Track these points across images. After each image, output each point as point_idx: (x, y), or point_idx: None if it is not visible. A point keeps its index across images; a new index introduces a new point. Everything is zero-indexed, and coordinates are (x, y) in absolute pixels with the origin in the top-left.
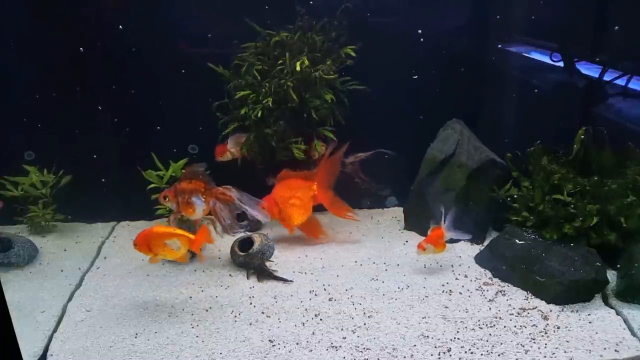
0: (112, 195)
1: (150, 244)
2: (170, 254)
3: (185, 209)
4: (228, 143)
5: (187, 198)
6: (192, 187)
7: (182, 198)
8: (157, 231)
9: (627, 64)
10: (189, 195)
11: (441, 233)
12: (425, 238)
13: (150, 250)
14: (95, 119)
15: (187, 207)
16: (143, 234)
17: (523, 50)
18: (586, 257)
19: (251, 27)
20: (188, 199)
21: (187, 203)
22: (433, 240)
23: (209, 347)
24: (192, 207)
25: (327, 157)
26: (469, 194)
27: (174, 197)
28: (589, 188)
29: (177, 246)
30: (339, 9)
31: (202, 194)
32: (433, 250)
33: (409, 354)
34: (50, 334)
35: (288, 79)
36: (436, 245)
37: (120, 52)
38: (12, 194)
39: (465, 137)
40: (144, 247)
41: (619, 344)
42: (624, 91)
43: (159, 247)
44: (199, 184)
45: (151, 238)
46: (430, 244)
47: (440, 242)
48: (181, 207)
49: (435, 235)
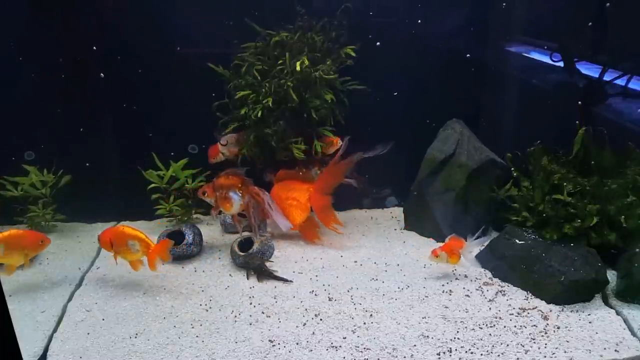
0: (112, 195)
1: (113, 241)
2: (128, 255)
3: (223, 203)
4: (219, 145)
5: (225, 193)
6: (230, 182)
7: (220, 193)
8: (123, 230)
9: (627, 64)
10: (227, 190)
11: (459, 245)
12: (442, 245)
13: (111, 247)
14: (95, 119)
15: (224, 202)
16: (109, 231)
17: (523, 50)
18: (586, 257)
19: (251, 27)
20: (226, 194)
21: (225, 198)
22: (449, 250)
23: (209, 347)
24: (229, 202)
25: (335, 162)
26: (469, 194)
27: (213, 193)
28: (589, 188)
29: (135, 249)
30: (339, 9)
31: (239, 189)
32: (446, 259)
33: (409, 354)
34: (50, 334)
35: (288, 79)
36: (451, 255)
37: (121, 52)
38: (12, 194)
39: (465, 137)
40: (107, 244)
41: (619, 344)
42: (624, 91)
43: (121, 246)
44: (236, 180)
45: (115, 236)
46: (444, 252)
47: (455, 253)
48: (219, 201)
49: (452, 245)
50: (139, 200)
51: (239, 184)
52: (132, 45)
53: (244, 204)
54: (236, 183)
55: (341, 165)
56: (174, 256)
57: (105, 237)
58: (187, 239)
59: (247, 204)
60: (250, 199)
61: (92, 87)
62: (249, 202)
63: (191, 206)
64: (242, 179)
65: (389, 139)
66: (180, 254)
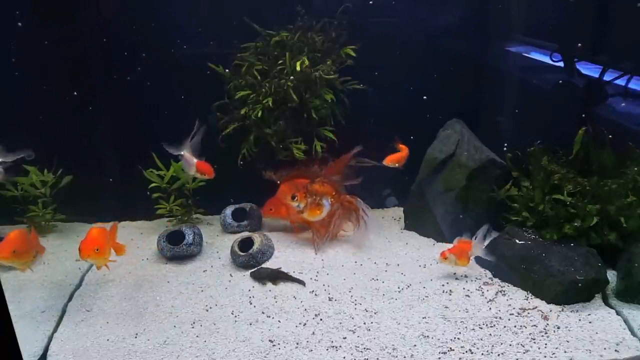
0: (112, 195)
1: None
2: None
3: (313, 210)
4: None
5: (319, 199)
6: (325, 190)
7: (313, 199)
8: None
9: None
10: (321, 197)
11: (468, 247)
12: (450, 248)
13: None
14: (95, 119)
15: (315, 208)
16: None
17: (523, 50)
18: (586, 257)
19: (251, 27)
20: (319, 201)
21: (317, 204)
22: (457, 252)
23: (209, 347)
24: (320, 209)
25: (338, 161)
26: (469, 194)
27: (304, 198)
28: (589, 188)
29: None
30: (339, 9)
31: (331, 197)
32: (455, 262)
33: (409, 354)
34: (50, 334)
35: (288, 79)
36: (459, 258)
37: (121, 51)
38: (12, 194)
39: (465, 137)
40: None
41: (619, 344)
42: (624, 91)
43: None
44: (330, 188)
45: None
46: (453, 255)
47: (464, 256)
48: (309, 207)
49: (461, 247)
50: (139, 200)
51: (332, 192)
52: (132, 45)
53: (332, 212)
54: (330, 191)
55: (341, 160)
56: (174, 256)
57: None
58: (187, 239)
59: (335, 212)
60: (339, 207)
61: (92, 86)
62: (336, 211)
63: (191, 206)
64: (335, 187)
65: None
66: (180, 254)
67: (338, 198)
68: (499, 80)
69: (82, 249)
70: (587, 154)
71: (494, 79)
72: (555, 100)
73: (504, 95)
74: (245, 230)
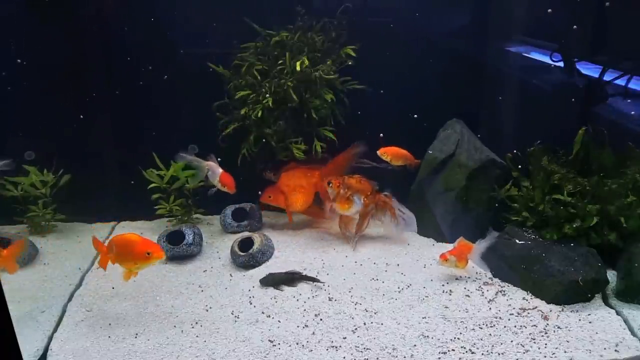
0: (112, 195)
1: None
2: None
3: (342, 202)
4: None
5: (350, 194)
6: (360, 187)
7: (345, 192)
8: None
9: (627, 63)
10: (353, 193)
11: (468, 249)
12: (451, 249)
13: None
14: (95, 119)
15: (344, 202)
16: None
17: (523, 50)
18: (586, 257)
19: (251, 27)
20: (350, 195)
21: (347, 198)
22: (458, 254)
23: (209, 347)
24: (349, 204)
25: (344, 155)
26: (469, 194)
27: (337, 187)
28: (589, 188)
29: None
30: (339, 9)
31: (366, 197)
32: (455, 264)
33: (409, 354)
34: (50, 334)
35: (288, 79)
36: (459, 260)
37: (121, 51)
38: (12, 194)
39: (465, 137)
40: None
41: (619, 344)
42: (624, 91)
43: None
44: (367, 187)
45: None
46: (453, 257)
47: (464, 258)
48: (339, 198)
49: (461, 248)
50: (139, 200)
51: (368, 192)
52: (133, 44)
53: (366, 212)
54: (366, 190)
55: (344, 156)
56: (174, 256)
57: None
58: (187, 239)
59: (369, 212)
60: (373, 208)
61: (92, 86)
62: (370, 211)
63: (191, 206)
64: (372, 188)
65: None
66: (180, 254)
67: (373, 198)
68: (499, 80)
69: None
70: (587, 154)
71: (494, 79)
72: (555, 100)
73: (504, 95)
74: (245, 230)
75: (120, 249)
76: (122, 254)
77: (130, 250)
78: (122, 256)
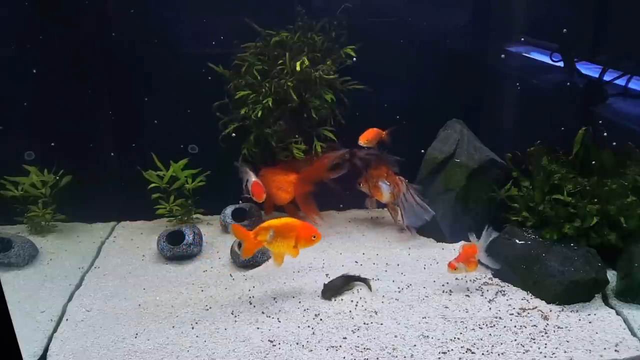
0: (112, 195)
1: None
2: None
3: (376, 192)
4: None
5: (375, 182)
6: (378, 173)
7: (371, 182)
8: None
9: (627, 63)
10: (376, 180)
11: (474, 251)
12: (457, 256)
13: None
14: (95, 119)
15: (376, 191)
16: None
17: (523, 50)
18: (586, 257)
19: (251, 27)
20: (376, 183)
21: (375, 187)
22: (465, 259)
23: (209, 347)
24: (379, 190)
25: (323, 157)
26: (469, 194)
27: (366, 183)
28: (589, 188)
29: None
30: (339, 9)
31: (385, 179)
32: (465, 269)
33: (409, 354)
34: (50, 334)
35: (288, 79)
36: (468, 264)
37: (121, 51)
38: (12, 194)
39: (465, 137)
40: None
41: (619, 344)
42: (624, 91)
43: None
44: (383, 170)
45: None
46: (462, 263)
47: (472, 261)
48: (372, 191)
49: (467, 253)
50: (139, 200)
51: (384, 173)
52: (133, 44)
53: (393, 194)
54: (382, 173)
55: (324, 160)
56: (174, 256)
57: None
58: (187, 239)
59: (395, 193)
60: (395, 187)
61: (92, 86)
62: (396, 192)
63: (191, 206)
64: (387, 169)
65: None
66: (180, 254)
67: (392, 179)
68: (499, 80)
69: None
70: (587, 154)
71: (494, 79)
72: (555, 100)
73: (504, 95)
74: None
75: (285, 232)
76: (285, 238)
77: (295, 234)
78: (285, 240)
